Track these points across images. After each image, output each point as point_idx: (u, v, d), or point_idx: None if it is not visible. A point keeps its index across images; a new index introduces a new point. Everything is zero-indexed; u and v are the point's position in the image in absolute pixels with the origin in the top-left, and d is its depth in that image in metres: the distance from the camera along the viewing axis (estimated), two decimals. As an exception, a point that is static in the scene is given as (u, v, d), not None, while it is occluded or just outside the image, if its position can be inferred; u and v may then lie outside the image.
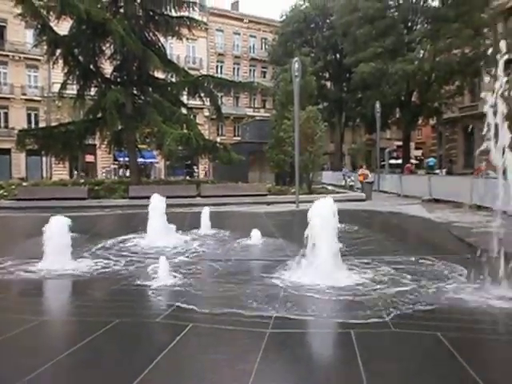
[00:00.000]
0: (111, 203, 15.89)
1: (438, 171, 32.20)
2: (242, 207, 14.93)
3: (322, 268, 5.15)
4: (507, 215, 4.79)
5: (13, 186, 18.03)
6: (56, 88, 36.85)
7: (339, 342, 3.68)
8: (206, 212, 9.65)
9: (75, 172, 35.55)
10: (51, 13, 18.08)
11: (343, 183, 26.46)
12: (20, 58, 37.44)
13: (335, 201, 5.52)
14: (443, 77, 31.29)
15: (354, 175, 24.99)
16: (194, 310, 4.26)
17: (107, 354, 3.40)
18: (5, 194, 16.99)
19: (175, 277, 5.45)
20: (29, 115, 38.30)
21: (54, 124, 34.76)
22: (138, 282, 5.33)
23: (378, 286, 4.91)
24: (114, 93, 17.88)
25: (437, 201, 16.10)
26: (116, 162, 38.45)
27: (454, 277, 5.32)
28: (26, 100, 37.91)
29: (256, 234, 8.18)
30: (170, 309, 4.35)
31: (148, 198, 8.66)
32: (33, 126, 37.51)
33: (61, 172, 35.78)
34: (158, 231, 8.26)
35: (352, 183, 25.46)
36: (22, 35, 36.64)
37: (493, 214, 5.08)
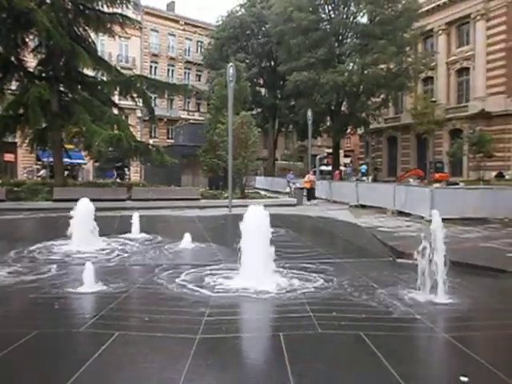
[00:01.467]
0: (33, 206, 14.83)
1: (364, 178, 33.92)
2: (175, 211, 14.65)
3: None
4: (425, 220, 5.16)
5: None
6: (-29, 80, 34.10)
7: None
8: (136, 216, 9.37)
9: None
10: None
11: (287, 190, 24.13)
12: None
13: (266, 205, 5.61)
14: (370, 89, 33.08)
15: (299, 182, 23.14)
16: (120, 317, 4.10)
17: (24, 368, 3.16)
18: None
19: (101, 284, 5.22)
20: None
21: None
22: (60, 290, 5.04)
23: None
24: (38, 88, 16.77)
25: (363, 206, 16.91)
26: (39, 162, 36.11)
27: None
28: None
29: (187, 238, 8.10)
30: (95, 318, 4.15)
31: (75, 200, 8.22)
32: None
33: (-24, 172, 32.90)
34: (83, 236, 7.87)
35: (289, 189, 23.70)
36: None
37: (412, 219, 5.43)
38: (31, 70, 19.85)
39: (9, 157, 35.22)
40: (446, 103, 35.84)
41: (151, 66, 45.83)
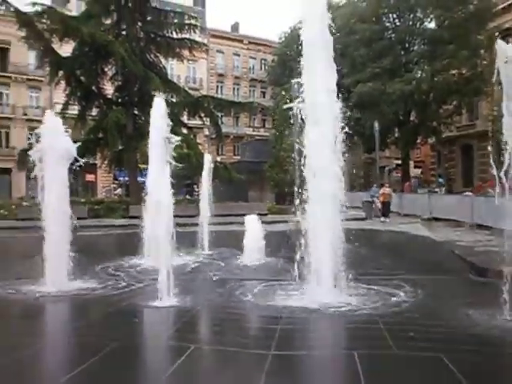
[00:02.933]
0: (111, 223, 15.85)
1: (437, 189, 32.26)
2: (241, 227, 14.87)
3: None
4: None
5: (13, 206, 18.03)
6: (58, 108, 37.26)
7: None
8: (206, 231, 9.72)
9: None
10: (54, 35, 18.39)
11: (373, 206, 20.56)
12: (22, 79, 37.93)
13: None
14: (441, 96, 31.62)
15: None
16: (195, 331, 4.22)
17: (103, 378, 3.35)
18: (5, 213, 16.98)
19: (175, 298, 5.41)
20: (30, 135, 38.54)
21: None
22: (139, 303, 5.30)
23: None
24: (116, 113, 18.07)
25: (437, 219, 16.07)
26: (116, 182, 38.54)
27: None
28: (28, 120, 38.19)
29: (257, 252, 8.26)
30: (171, 331, 4.30)
31: None
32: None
33: (61, 191, 35.83)
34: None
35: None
36: (24, 57, 37.18)
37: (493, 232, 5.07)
38: (109, 96, 21.44)
39: (90, 177, 38.08)
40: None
41: (217, 86, 47.47)
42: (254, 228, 8.66)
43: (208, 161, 11.63)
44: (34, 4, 17.64)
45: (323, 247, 5.26)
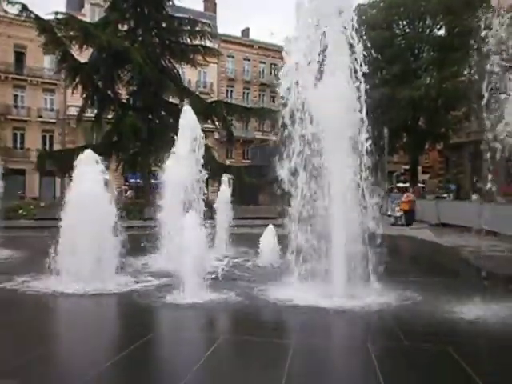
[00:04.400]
0: (127, 224, 16.26)
1: (445, 195, 32.43)
2: (253, 229, 15.28)
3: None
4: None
5: (31, 206, 18.62)
6: (71, 111, 38.20)
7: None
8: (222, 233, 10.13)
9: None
10: (73, 42, 18.99)
11: (396, 213, 19.21)
12: (38, 82, 38.78)
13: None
14: (450, 103, 31.89)
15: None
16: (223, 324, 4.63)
17: (141, 365, 3.78)
18: (24, 213, 17.56)
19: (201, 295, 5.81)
20: (44, 137, 39.39)
21: (68, 146, 35.94)
22: (169, 298, 5.74)
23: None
24: (131, 118, 18.61)
25: (445, 225, 16.35)
26: (127, 184, 39.09)
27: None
28: (42, 122, 39.03)
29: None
30: (202, 323, 4.73)
31: None
32: (47, 147, 38.57)
33: (73, 192, 36.49)
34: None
35: (398, 213, 18.83)
36: (40, 60, 38.06)
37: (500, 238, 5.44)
38: (124, 100, 22.00)
39: (102, 179, 38.64)
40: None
41: (227, 90, 48.04)
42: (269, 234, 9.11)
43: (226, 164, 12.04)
44: (57, 13, 18.27)
45: (340, 250, 5.67)
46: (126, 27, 21.69)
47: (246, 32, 51.71)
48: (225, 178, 11.49)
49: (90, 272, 6.44)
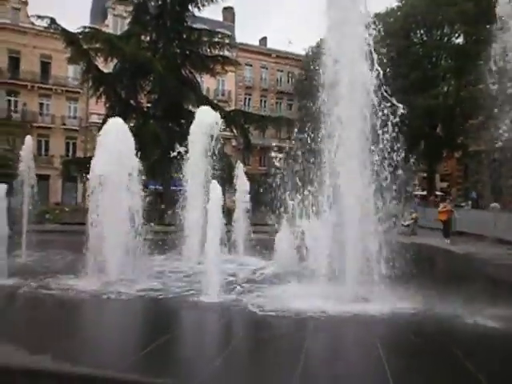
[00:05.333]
0: (149, 229, 16.82)
1: (463, 204, 32.29)
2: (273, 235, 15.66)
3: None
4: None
5: (57, 211, 19.39)
6: (93, 119, 39.35)
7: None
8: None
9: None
10: (99, 54, 19.77)
11: (407, 222, 18.30)
12: (62, 90, 40.06)
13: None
14: (467, 111, 31.85)
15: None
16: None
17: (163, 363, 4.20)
18: (51, 218, 18.32)
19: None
20: (67, 144, 40.58)
21: (90, 153, 36.98)
22: (190, 299, 6.18)
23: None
24: (152, 126, 19.24)
25: (461, 233, 16.42)
26: (146, 190, 39.82)
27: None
28: (66, 130, 40.24)
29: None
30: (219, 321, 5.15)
31: None
32: (70, 154, 39.75)
33: (94, 198, 37.50)
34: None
35: (408, 222, 18.43)
36: (64, 70, 39.37)
37: None
38: (145, 109, 22.71)
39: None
40: None
41: (245, 98, 48.70)
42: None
43: (242, 171, 12.44)
44: (84, 27, 19.12)
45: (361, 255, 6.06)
46: (148, 38, 22.42)
47: (263, 41, 52.41)
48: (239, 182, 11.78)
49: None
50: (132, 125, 23.10)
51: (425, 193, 38.51)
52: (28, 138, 10.58)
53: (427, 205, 29.26)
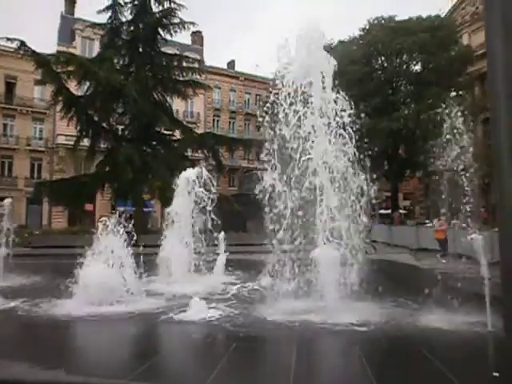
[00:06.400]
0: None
1: (427, 221, 33.70)
2: (247, 255, 16.02)
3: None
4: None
5: (26, 235, 19.04)
6: (60, 140, 38.84)
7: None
8: (221, 259, 10.96)
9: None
10: (71, 77, 19.90)
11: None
12: (27, 111, 39.39)
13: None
14: (427, 133, 33.66)
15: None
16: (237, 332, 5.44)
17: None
18: (20, 241, 17.94)
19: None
20: (32, 165, 39.71)
21: (57, 174, 36.41)
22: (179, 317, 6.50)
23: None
24: (127, 149, 19.44)
25: (424, 250, 17.30)
26: (113, 211, 39.34)
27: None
28: (31, 151, 39.43)
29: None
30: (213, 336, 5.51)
31: (156, 246, 9.96)
32: (35, 175, 38.93)
33: (60, 220, 36.76)
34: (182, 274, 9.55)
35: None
36: (30, 90, 38.90)
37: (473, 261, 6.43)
38: (117, 132, 22.88)
39: (89, 207, 38.93)
40: (510, 143, 35.30)
41: (214, 120, 49.35)
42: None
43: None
44: (59, 52, 19.27)
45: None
46: (120, 62, 22.75)
47: (231, 64, 53.58)
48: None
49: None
50: (104, 146, 23.29)
51: (389, 211, 39.96)
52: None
53: (392, 222, 30.40)
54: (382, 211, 42.17)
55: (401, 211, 43.00)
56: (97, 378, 3.80)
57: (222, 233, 11.79)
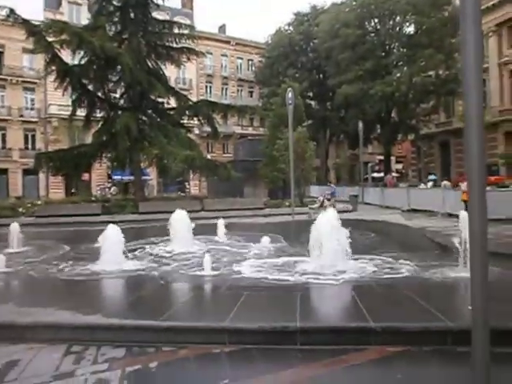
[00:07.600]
0: (125, 218, 17.37)
1: (422, 185, 34.38)
2: (244, 219, 16.71)
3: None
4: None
5: (29, 205, 19.47)
6: (52, 110, 38.62)
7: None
8: (221, 223, 11.54)
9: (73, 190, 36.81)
10: (64, 46, 19.75)
11: (315, 205, 20.48)
12: (17, 81, 38.84)
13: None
14: (419, 96, 33.95)
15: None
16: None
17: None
18: (23, 211, 18.44)
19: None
20: (26, 136, 39.58)
21: (52, 145, 36.45)
22: (189, 273, 7.15)
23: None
24: (125, 118, 19.60)
25: (415, 211, 18.09)
26: (110, 180, 39.73)
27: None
28: (23, 122, 39.19)
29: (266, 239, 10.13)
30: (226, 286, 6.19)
31: (157, 212, 10.50)
32: (30, 146, 38.90)
33: (56, 190, 37.08)
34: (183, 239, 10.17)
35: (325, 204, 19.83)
36: (19, 59, 38.29)
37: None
38: (113, 101, 22.91)
39: (85, 176, 39.21)
40: (500, 105, 35.73)
41: (206, 86, 48.99)
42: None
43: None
44: (50, 20, 19.03)
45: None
46: (112, 29, 22.51)
47: (222, 28, 52.63)
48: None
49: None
50: (100, 116, 23.37)
51: (382, 174, 40.69)
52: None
53: (385, 185, 31.07)
54: (375, 174, 42.93)
55: (393, 174, 43.74)
56: (131, 319, 4.43)
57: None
